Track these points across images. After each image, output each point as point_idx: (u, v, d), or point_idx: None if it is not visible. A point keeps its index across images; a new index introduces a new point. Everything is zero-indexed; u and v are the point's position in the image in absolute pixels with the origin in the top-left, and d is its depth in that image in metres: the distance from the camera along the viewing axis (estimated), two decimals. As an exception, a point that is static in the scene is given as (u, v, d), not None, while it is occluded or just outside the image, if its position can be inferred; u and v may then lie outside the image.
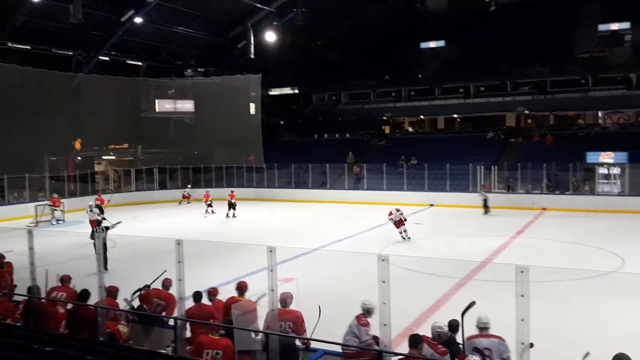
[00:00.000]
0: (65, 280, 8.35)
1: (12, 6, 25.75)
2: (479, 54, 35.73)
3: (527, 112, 35.44)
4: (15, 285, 8.86)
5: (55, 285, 8.21)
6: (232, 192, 26.04)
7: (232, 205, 25.06)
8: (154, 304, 8.04)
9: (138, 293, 8.37)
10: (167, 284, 8.28)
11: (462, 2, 37.99)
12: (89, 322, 6.94)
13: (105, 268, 15.19)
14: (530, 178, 27.80)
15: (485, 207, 25.28)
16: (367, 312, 6.78)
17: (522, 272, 5.33)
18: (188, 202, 30.55)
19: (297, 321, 7.19)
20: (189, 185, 32.11)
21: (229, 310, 7.37)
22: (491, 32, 35.05)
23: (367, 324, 6.57)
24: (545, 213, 24.69)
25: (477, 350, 5.80)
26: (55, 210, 24.44)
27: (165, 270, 8.30)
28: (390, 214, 18.49)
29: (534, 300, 5.25)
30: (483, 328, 6.24)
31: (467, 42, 36.90)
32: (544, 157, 27.58)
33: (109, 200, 25.86)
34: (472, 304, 6.68)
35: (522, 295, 5.30)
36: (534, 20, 33.78)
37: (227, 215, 24.92)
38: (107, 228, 13.74)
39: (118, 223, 13.19)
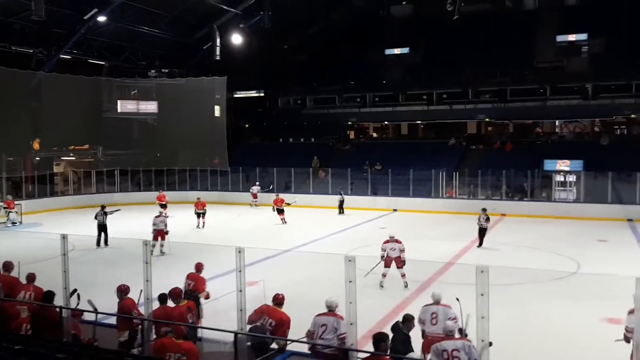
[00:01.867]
0: (31, 279, 8.24)
1: (-31, 1, 25.01)
2: (442, 61, 36.35)
3: (487, 119, 36.30)
4: None
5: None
6: (199, 199, 23.72)
7: (200, 215, 23.12)
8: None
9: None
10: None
11: (426, 10, 38.66)
12: (53, 324, 6.86)
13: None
14: (490, 184, 28.48)
15: (340, 208, 26.93)
16: (330, 308, 6.96)
17: (482, 272, 5.56)
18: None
19: (282, 324, 7.24)
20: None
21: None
22: (454, 40, 35.73)
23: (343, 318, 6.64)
24: (504, 219, 25.31)
25: (444, 351, 5.99)
26: (10, 212, 23.77)
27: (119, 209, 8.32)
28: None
29: (493, 302, 5.48)
30: (449, 333, 6.47)
31: (430, 50, 37.56)
32: (504, 164, 28.30)
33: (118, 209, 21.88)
34: (468, 316, 6.88)
35: (482, 294, 5.53)
36: (496, 30, 34.66)
37: (198, 226, 22.89)
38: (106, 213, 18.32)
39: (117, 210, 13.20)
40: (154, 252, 14.90)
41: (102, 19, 29.11)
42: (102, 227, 18.40)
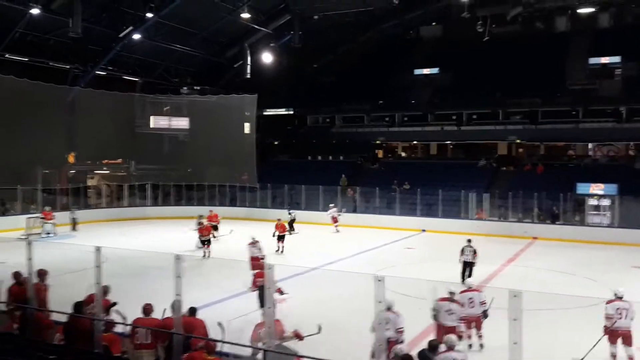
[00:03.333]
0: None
1: (11, 18, 25.88)
2: (472, 82, 36.21)
3: (518, 141, 35.84)
4: None
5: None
6: (211, 211, 24.39)
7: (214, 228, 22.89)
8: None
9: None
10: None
11: (456, 31, 38.72)
12: (85, 334, 6.94)
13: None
14: (521, 207, 28.01)
15: (291, 227, 25.64)
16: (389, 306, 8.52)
17: (515, 296, 5.45)
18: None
19: None
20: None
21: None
22: (484, 61, 35.62)
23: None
24: (536, 242, 24.85)
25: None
26: (46, 223, 24.30)
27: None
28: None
29: (525, 327, 5.35)
30: (451, 346, 6.72)
31: (460, 70, 37.43)
32: (535, 187, 27.85)
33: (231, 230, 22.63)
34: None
35: (514, 319, 5.41)
36: (527, 51, 34.41)
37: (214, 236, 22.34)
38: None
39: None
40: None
41: (136, 36, 29.83)
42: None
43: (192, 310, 7.86)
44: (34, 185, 28.05)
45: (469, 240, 15.61)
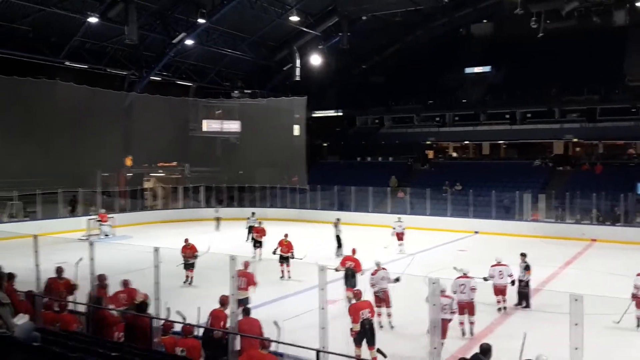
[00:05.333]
0: (126, 283, 8.77)
1: (71, 27, 26.99)
2: (526, 79, 35.36)
3: (575, 139, 34.71)
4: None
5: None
6: (260, 223, 21.54)
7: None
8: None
9: None
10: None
11: (509, 28, 37.81)
12: (144, 333, 7.18)
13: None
14: (579, 208, 27.07)
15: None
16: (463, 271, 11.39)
17: (576, 300, 5.29)
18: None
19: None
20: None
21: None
22: (538, 57, 34.71)
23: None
24: (595, 244, 23.99)
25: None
26: (102, 225, 25.16)
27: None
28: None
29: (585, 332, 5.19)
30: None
31: (513, 68, 36.62)
32: (594, 187, 26.87)
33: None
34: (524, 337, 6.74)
35: (576, 324, 5.25)
36: (583, 47, 33.32)
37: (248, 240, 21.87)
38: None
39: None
40: None
41: (189, 42, 30.57)
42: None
43: (247, 311, 7.98)
44: (94, 188, 29.13)
45: (523, 255, 13.55)
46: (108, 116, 30.65)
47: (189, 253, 15.49)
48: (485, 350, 6.97)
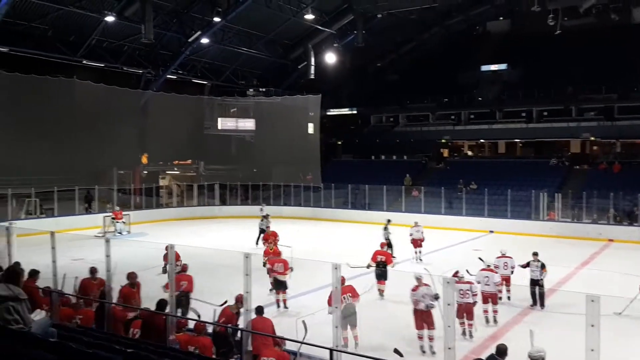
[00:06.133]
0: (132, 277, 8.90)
1: (88, 26, 27.27)
2: (543, 77, 35.05)
3: (592, 138, 34.33)
4: None
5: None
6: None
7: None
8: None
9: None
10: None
11: (525, 26, 37.50)
12: (159, 330, 7.25)
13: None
14: (596, 207, 26.76)
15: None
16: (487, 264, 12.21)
17: (592, 301, 5.24)
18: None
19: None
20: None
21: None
22: (555, 55, 34.37)
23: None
24: (612, 245, 23.70)
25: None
26: (117, 222, 25.38)
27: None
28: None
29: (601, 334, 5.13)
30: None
31: (530, 66, 36.30)
32: (611, 186, 26.53)
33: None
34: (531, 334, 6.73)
35: (592, 325, 5.20)
36: (601, 44, 32.92)
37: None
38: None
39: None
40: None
41: (204, 40, 30.69)
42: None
43: (259, 310, 8.00)
44: (110, 185, 29.41)
45: (535, 254, 13.38)
46: (124, 114, 30.90)
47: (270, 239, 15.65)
48: (502, 351, 6.93)
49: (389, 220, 20.37)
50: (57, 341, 4.47)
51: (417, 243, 19.34)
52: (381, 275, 14.00)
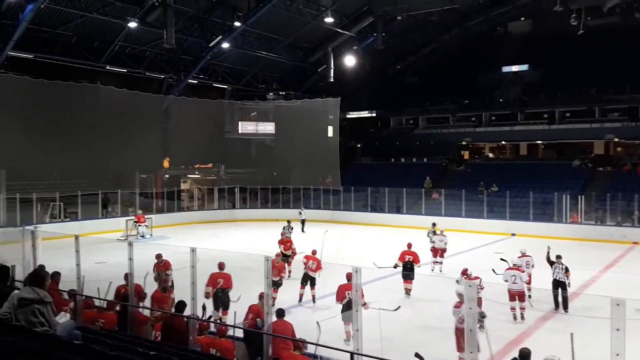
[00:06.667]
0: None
1: (111, 32, 27.70)
2: (565, 78, 34.60)
3: (616, 139, 33.78)
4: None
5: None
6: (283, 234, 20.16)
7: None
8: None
9: None
10: None
11: (547, 26, 37.04)
12: (181, 332, 7.32)
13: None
14: (620, 210, 26.34)
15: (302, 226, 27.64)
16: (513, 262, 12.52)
17: (618, 305, 5.15)
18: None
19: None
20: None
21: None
22: (578, 55, 33.91)
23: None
24: (636, 247, 23.30)
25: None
26: (139, 226, 25.64)
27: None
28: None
29: (627, 336, 5.05)
30: None
31: (552, 66, 35.87)
32: (636, 188, 26.07)
33: None
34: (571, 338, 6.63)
35: (617, 330, 5.12)
36: (625, 44, 32.37)
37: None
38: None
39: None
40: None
41: (225, 45, 30.94)
42: None
43: (280, 313, 8.04)
44: (132, 189, 29.78)
45: (559, 257, 13.32)
46: (146, 119, 31.29)
47: (162, 270, 12.83)
48: (525, 355, 6.84)
49: (434, 224, 20.09)
50: (82, 343, 4.55)
51: (436, 253, 17.84)
52: (408, 275, 14.29)
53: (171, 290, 10.72)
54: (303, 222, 28.22)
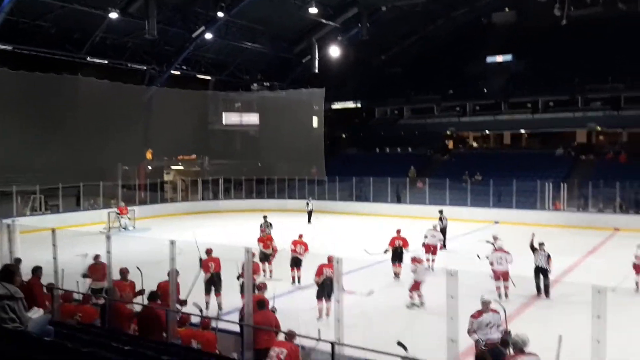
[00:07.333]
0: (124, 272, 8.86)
1: (92, 23, 27.24)
2: (548, 68, 34.78)
3: (599, 128, 34.09)
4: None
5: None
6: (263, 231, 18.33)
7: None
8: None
9: None
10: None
11: (531, 16, 37.12)
12: (159, 325, 7.22)
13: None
14: (602, 197, 26.64)
15: (309, 217, 27.74)
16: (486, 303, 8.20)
17: (599, 292, 5.16)
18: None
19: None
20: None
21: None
22: (561, 45, 34.07)
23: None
24: (618, 234, 23.56)
25: None
26: (122, 218, 25.40)
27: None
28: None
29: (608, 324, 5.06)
30: (521, 350, 6.35)
31: (535, 56, 36.03)
32: (618, 176, 26.36)
33: None
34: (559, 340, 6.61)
35: (598, 317, 5.13)
36: (608, 34, 32.59)
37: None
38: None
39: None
40: None
41: (208, 36, 30.63)
42: None
43: (261, 304, 7.95)
44: (115, 181, 29.46)
45: (542, 244, 13.35)
46: (129, 110, 30.94)
47: (99, 275, 10.85)
48: (506, 342, 6.89)
49: (441, 211, 21.19)
50: (53, 340, 4.43)
51: (429, 249, 16.80)
52: (397, 258, 14.70)
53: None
54: (310, 213, 28.08)
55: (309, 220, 27.49)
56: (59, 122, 27.00)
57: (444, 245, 19.51)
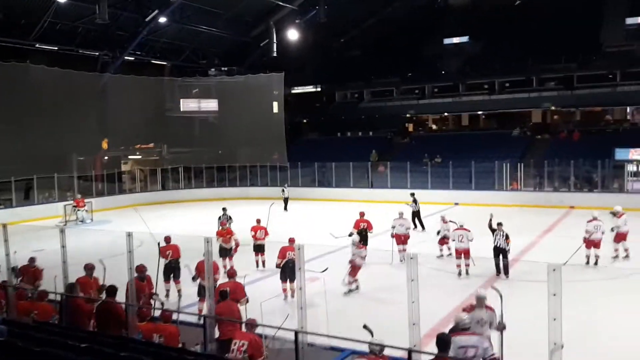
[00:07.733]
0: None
1: (39, 8, 26.19)
2: (504, 49, 35.35)
3: (553, 108, 34.91)
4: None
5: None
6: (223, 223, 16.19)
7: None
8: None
9: None
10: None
11: (486, -3, 37.64)
12: (117, 319, 7.06)
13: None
14: (557, 175, 27.38)
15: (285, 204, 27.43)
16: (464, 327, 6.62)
17: (554, 270, 5.26)
18: None
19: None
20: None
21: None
22: (516, 26, 34.61)
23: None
24: (573, 212, 24.27)
25: (462, 347, 6.06)
26: (79, 210, 24.75)
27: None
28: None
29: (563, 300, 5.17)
30: (464, 329, 6.47)
31: (491, 38, 36.52)
32: (572, 154, 27.12)
33: None
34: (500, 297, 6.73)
35: (554, 294, 5.23)
36: (560, 15, 33.21)
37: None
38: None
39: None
40: None
41: (162, 20, 29.91)
42: None
43: (223, 295, 7.87)
44: (70, 172, 28.62)
45: (500, 224, 13.43)
46: (82, 99, 30.00)
47: (31, 279, 10.40)
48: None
49: (413, 194, 21.60)
50: (4, 340, 4.27)
51: (400, 239, 15.60)
52: (362, 240, 14.63)
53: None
54: (286, 200, 27.78)
55: (285, 208, 27.29)
56: (8, 113, 26.01)
57: (422, 227, 20.50)
